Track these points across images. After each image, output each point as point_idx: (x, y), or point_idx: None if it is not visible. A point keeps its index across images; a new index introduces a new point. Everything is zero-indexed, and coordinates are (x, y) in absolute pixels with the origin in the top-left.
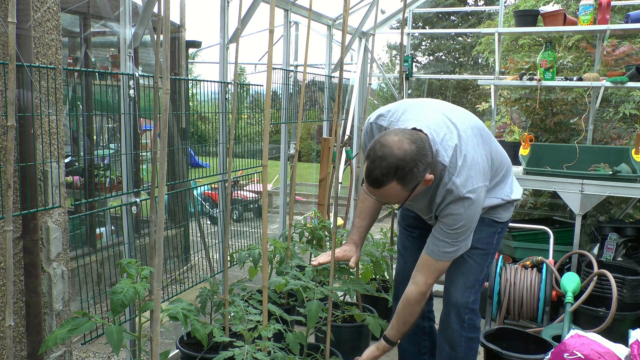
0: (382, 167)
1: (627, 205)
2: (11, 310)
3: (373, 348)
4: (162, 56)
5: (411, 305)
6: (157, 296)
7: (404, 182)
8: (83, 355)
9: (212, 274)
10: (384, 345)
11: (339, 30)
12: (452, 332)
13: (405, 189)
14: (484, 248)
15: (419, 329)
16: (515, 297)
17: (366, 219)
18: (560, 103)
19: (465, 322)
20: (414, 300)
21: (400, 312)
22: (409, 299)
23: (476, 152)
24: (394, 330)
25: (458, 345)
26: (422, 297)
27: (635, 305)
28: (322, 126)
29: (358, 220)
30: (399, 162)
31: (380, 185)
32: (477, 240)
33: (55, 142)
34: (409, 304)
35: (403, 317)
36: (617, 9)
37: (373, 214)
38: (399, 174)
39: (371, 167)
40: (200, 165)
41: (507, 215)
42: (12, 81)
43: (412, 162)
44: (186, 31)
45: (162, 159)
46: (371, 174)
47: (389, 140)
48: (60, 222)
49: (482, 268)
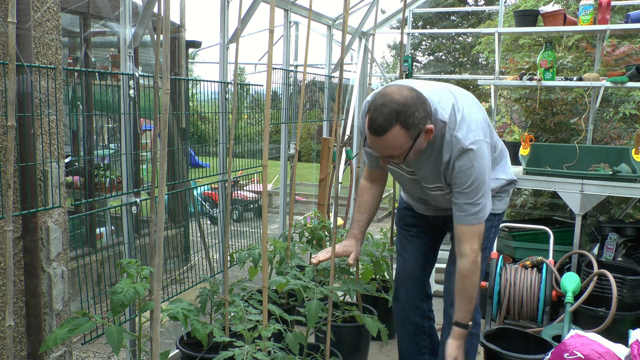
0: (384, 114)
1: (627, 205)
2: (11, 310)
3: (450, 340)
4: (162, 56)
5: (469, 278)
6: (157, 296)
7: (406, 126)
8: (83, 355)
9: (212, 274)
10: (460, 331)
11: (339, 30)
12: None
13: (408, 136)
14: (482, 243)
15: (419, 329)
16: (515, 297)
17: (365, 213)
18: (560, 103)
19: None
20: (470, 272)
21: (461, 291)
22: (464, 273)
23: (473, 111)
24: (462, 312)
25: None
26: (475, 265)
27: (635, 305)
28: (322, 126)
29: (357, 215)
30: (400, 106)
31: (384, 132)
32: None
33: (55, 142)
34: (466, 278)
35: (466, 294)
36: (617, 9)
37: (372, 208)
38: (401, 117)
39: (373, 116)
40: (200, 165)
41: (502, 206)
42: (12, 81)
43: (413, 107)
44: (186, 31)
45: (162, 159)
46: (374, 123)
47: (388, 90)
48: (60, 222)
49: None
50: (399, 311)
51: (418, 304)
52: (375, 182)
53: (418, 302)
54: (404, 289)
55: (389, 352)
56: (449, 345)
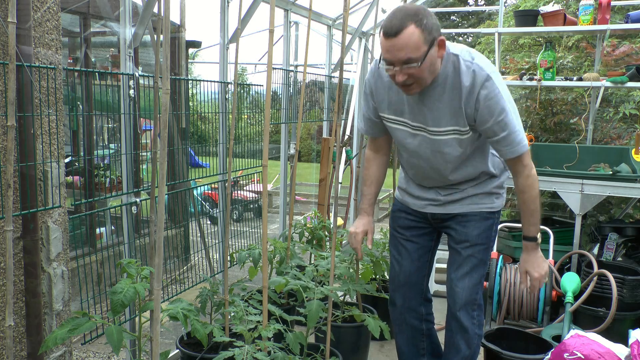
0: (398, 17)
1: (627, 205)
2: (11, 310)
3: (525, 256)
4: (162, 56)
5: (526, 192)
6: (157, 296)
7: (421, 27)
8: (83, 355)
9: (212, 274)
10: (531, 245)
11: (339, 30)
12: (466, 331)
13: (423, 38)
14: (484, 242)
15: (417, 331)
16: (515, 297)
17: (372, 186)
18: (560, 103)
19: (475, 319)
20: (526, 186)
21: (522, 207)
22: (521, 188)
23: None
24: (527, 225)
25: (472, 343)
26: (531, 179)
27: (635, 305)
28: (322, 126)
29: (365, 188)
30: (413, 9)
31: (399, 31)
32: (477, 236)
33: (55, 142)
34: (523, 193)
35: (527, 208)
36: (617, 9)
37: (379, 178)
38: (415, 17)
39: (388, 20)
40: (200, 165)
41: (499, 202)
42: (12, 81)
43: (426, 12)
44: (186, 31)
45: (162, 159)
46: (389, 25)
47: (401, 6)
48: (60, 222)
49: (485, 263)
50: (396, 315)
51: (416, 308)
52: (380, 151)
53: (416, 306)
54: (401, 293)
55: (389, 352)
56: (521, 259)
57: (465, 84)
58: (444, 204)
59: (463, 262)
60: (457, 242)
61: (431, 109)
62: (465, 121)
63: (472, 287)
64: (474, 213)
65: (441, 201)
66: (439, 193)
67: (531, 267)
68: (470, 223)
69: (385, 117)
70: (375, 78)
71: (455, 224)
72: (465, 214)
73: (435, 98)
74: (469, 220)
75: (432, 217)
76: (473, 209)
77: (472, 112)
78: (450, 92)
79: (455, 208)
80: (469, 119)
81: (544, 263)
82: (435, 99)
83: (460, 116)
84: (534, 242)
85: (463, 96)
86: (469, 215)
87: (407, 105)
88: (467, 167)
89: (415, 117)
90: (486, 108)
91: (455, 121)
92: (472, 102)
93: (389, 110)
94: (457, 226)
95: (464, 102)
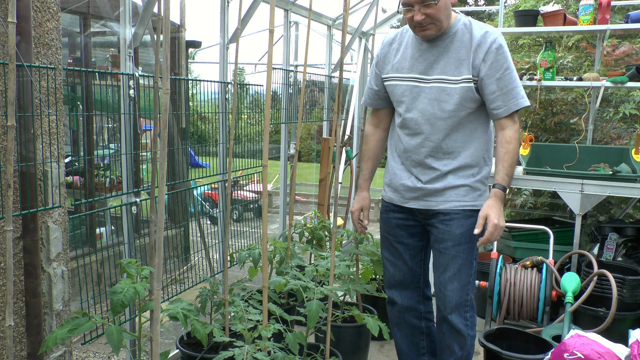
0: None
1: (627, 205)
2: (11, 310)
3: (491, 201)
4: (162, 56)
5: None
6: (157, 296)
7: None
8: (83, 355)
9: (212, 274)
10: (497, 192)
11: (339, 30)
12: (460, 333)
13: None
14: (468, 242)
15: (417, 330)
16: (515, 297)
17: (369, 161)
18: (560, 103)
19: (468, 321)
20: (513, 138)
21: (503, 155)
22: (508, 139)
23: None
24: (502, 174)
25: (466, 344)
26: (518, 133)
27: (635, 305)
28: (322, 126)
29: (362, 164)
30: None
31: None
32: (461, 235)
33: (55, 142)
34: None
35: (508, 157)
36: (617, 9)
37: (377, 153)
38: None
39: None
40: (200, 165)
41: (482, 201)
42: (12, 81)
43: None
44: (186, 31)
45: (162, 159)
46: None
47: None
48: (60, 222)
49: (471, 262)
50: (394, 314)
51: (415, 306)
52: (379, 126)
53: (415, 305)
54: (397, 292)
55: (389, 352)
56: (492, 209)
57: (476, 36)
58: (425, 195)
59: (449, 263)
60: (440, 242)
61: (437, 58)
62: (469, 71)
63: (462, 289)
64: (456, 211)
65: (422, 190)
66: (420, 180)
67: (493, 212)
68: (452, 222)
69: (387, 78)
70: (384, 48)
71: (437, 223)
72: (447, 211)
73: (442, 48)
74: (451, 219)
75: (418, 213)
76: (455, 206)
77: (478, 64)
78: (458, 44)
79: (437, 202)
80: (473, 71)
81: (503, 216)
82: (442, 48)
83: (465, 67)
84: (504, 191)
85: (472, 47)
86: (451, 213)
87: (410, 61)
88: (461, 131)
89: (417, 69)
90: (495, 61)
91: (460, 71)
92: (480, 54)
93: (392, 69)
94: (439, 225)
95: (472, 51)
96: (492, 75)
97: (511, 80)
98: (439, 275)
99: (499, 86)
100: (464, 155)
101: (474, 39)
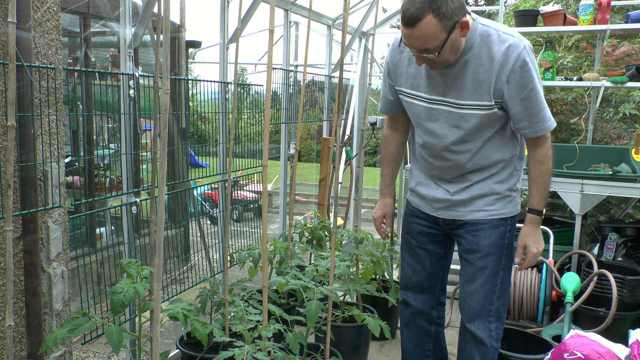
0: (416, 3)
1: (627, 205)
2: (11, 310)
3: (527, 229)
4: (162, 56)
5: (544, 164)
6: (157, 296)
7: (439, 16)
8: (83, 355)
9: (212, 274)
10: (533, 217)
11: (339, 30)
12: (482, 343)
13: (442, 27)
14: (496, 252)
15: (425, 333)
16: (515, 297)
17: (389, 165)
18: (560, 103)
19: (493, 332)
20: (545, 157)
21: (536, 177)
22: (540, 159)
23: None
24: (537, 198)
25: (487, 356)
26: (550, 150)
27: (635, 305)
28: (322, 126)
29: (383, 169)
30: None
31: (416, 21)
32: (489, 246)
33: (55, 142)
34: (541, 164)
35: (541, 180)
36: (617, 9)
37: (397, 157)
38: (433, 6)
39: (406, 7)
40: (200, 165)
41: (511, 208)
42: (12, 81)
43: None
44: (186, 31)
45: (162, 159)
46: (406, 13)
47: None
48: (60, 222)
49: (498, 272)
50: (406, 314)
51: (428, 311)
52: (397, 129)
53: (428, 309)
54: (412, 295)
55: (389, 352)
56: (529, 237)
57: (496, 56)
58: (453, 206)
59: (476, 274)
60: (468, 252)
61: (453, 80)
62: (490, 96)
63: (485, 298)
64: (484, 221)
65: (450, 201)
66: (448, 192)
67: (531, 241)
68: (480, 232)
69: (402, 91)
70: (394, 54)
71: (465, 233)
72: (475, 222)
73: (457, 69)
74: (479, 229)
75: (443, 222)
76: (483, 215)
77: (501, 87)
78: (475, 62)
79: (464, 213)
80: (496, 94)
81: (542, 240)
82: (457, 69)
83: (485, 90)
84: (540, 216)
85: (494, 67)
86: (479, 223)
87: (426, 78)
88: (488, 147)
89: (434, 89)
90: (519, 80)
91: (478, 95)
92: (503, 76)
93: (406, 84)
94: (467, 235)
95: (495, 75)
96: (517, 95)
97: (537, 102)
98: (464, 284)
99: (524, 106)
100: (494, 167)
101: (494, 57)
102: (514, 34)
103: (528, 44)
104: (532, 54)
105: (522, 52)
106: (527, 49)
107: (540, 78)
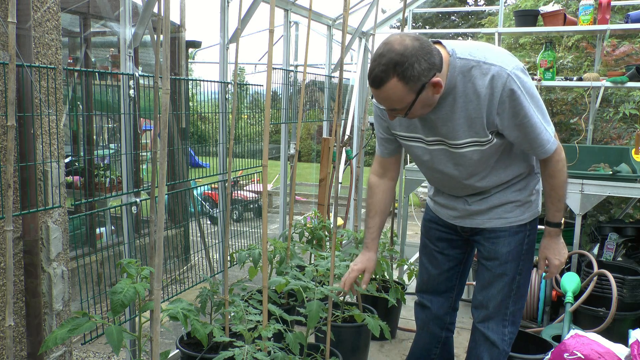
0: (381, 64)
1: (627, 205)
2: (11, 310)
3: (547, 241)
4: (162, 56)
5: (556, 177)
6: (157, 296)
7: (405, 79)
8: (83, 355)
9: (212, 274)
10: (551, 230)
11: (339, 30)
12: (493, 344)
13: (408, 89)
14: (515, 259)
15: (434, 338)
16: None
17: (376, 217)
18: (560, 103)
19: (506, 336)
20: (555, 171)
21: (549, 192)
22: (551, 173)
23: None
24: (553, 211)
25: (496, 359)
26: (560, 163)
27: (635, 305)
28: (322, 126)
29: (368, 220)
30: (398, 56)
31: (381, 84)
32: (507, 253)
33: (55, 142)
34: (553, 177)
35: (554, 193)
36: (617, 9)
37: (384, 207)
38: (398, 69)
39: (372, 66)
40: (200, 165)
41: (530, 214)
42: (12, 81)
43: (413, 57)
44: (186, 31)
45: (162, 159)
46: (372, 73)
47: (390, 38)
48: (60, 222)
49: (514, 277)
50: (421, 316)
51: (442, 317)
52: (385, 175)
53: (443, 315)
54: (428, 298)
55: (389, 352)
56: (541, 245)
57: (482, 92)
58: (471, 215)
59: (494, 281)
60: (487, 259)
61: (444, 122)
62: (484, 130)
63: (501, 302)
64: (502, 229)
65: (468, 211)
66: (467, 202)
67: (552, 253)
68: (499, 240)
69: (398, 135)
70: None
71: (483, 240)
72: (493, 229)
73: (447, 110)
74: (497, 237)
75: (461, 230)
76: (502, 223)
77: (493, 119)
78: (462, 100)
79: (482, 221)
80: (489, 126)
81: (564, 249)
82: (446, 110)
83: (478, 125)
84: (558, 227)
85: (482, 104)
86: (497, 231)
87: (419, 120)
88: (497, 173)
89: (430, 131)
90: (510, 109)
91: (474, 132)
92: (493, 109)
93: (401, 127)
94: (485, 242)
95: (485, 109)
96: (511, 123)
97: (533, 129)
98: (481, 289)
99: (521, 132)
100: (511, 180)
101: (480, 93)
102: (497, 60)
103: (515, 67)
104: (523, 74)
105: (506, 80)
106: (512, 75)
107: (537, 97)
